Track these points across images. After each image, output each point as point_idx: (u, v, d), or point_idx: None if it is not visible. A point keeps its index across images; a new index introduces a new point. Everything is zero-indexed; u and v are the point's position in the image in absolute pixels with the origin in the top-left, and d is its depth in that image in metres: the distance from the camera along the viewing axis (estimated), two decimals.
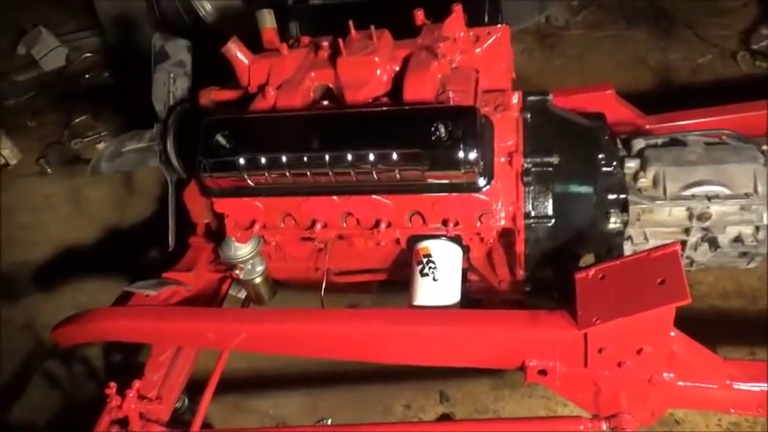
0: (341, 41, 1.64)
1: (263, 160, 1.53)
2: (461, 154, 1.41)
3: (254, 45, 1.84)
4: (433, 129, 1.41)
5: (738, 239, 1.64)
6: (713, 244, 1.65)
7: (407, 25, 1.77)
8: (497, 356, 1.47)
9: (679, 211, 1.62)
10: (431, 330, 1.47)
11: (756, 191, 1.58)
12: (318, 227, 1.65)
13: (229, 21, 3.73)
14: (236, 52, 1.76)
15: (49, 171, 3.73)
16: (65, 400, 2.51)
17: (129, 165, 1.99)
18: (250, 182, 1.58)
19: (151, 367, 1.79)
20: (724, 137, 1.71)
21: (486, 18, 1.82)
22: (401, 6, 1.87)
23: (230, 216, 1.71)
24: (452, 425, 1.98)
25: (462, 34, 1.73)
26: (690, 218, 1.62)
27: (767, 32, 3.14)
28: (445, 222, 1.58)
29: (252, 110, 1.68)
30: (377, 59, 1.62)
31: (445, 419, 2.12)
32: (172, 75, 1.92)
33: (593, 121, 1.75)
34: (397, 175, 1.48)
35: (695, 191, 1.60)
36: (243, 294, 2.05)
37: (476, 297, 1.82)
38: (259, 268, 1.86)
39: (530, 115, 1.63)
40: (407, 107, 1.54)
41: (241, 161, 1.54)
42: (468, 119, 1.44)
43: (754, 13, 3.33)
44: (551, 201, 1.57)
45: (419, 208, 1.58)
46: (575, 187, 1.61)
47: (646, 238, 1.68)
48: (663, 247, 1.30)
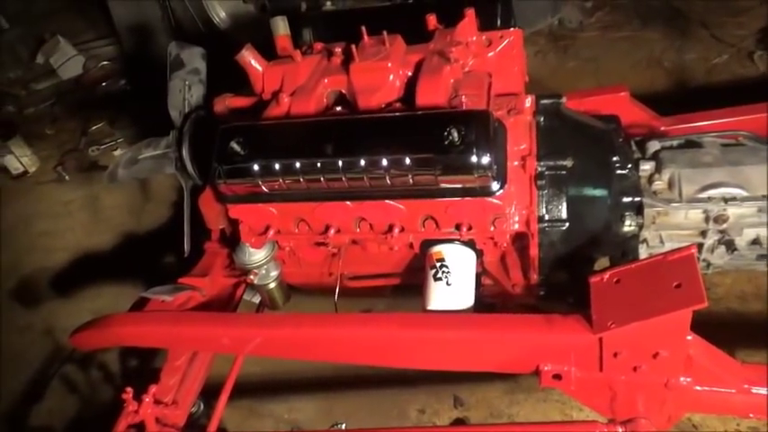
0: (353, 47, 1.65)
1: (277, 166, 1.54)
2: (474, 158, 1.41)
3: (268, 52, 1.85)
4: (446, 133, 1.41)
5: (756, 242, 1.62)
6: (730, 246, 1.63)
7: (420, 30, 1.77)
8: (512, 361, 1.46)
9: (695, 214, 1.60)
10: (445, 335, 1.46)
11: None
12: (332, 232, 1.65)
13: (243, 27, 3.77)
14: (251, 59, 1.77)
15: (67, 178, 3.78)
16: (82, 404, 2.54)
17: (145, 172, 2.01)
18: (264, 188, 1.59)
19: (167, 372, 1.81)
20: (740, 138, 1.70)
21: (499, 22, 1.82)
22: (413, 11, 1.88)
23: (245, 222, 1.73)
24: (467, 429, 1.98)
25: (475, 38, 1.73)
26: (706, 220, 1.60)
27: None
28: (458, 227, 1.57)
29: (266, 116, 1.69)
30: (389, 65, 1.63)
31: (459, 424, 2.12)
32: (187, 82, 1.94)
33: (607, 123, 1.74)
34: (411, 180, 1.48)
35: (711, 193, 1.58)
36: (257, 299, 2.06)
37: (489, 301, 1.82)
38: (273, 273, 1.87)
39: (543, 118, 1.62)
40: (420, 112, 1.54)
41: (256, 168, 1.55)
42: (481, 123, 1.44)
43: None
44: (565, 204, 1.56)
45: (432, 212, 1.58)
46: (589, 190, 1.60)
47: (661, 241, 1.66)
48: (679, 250, 1.29)
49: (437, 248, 1.63)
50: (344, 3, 3.07)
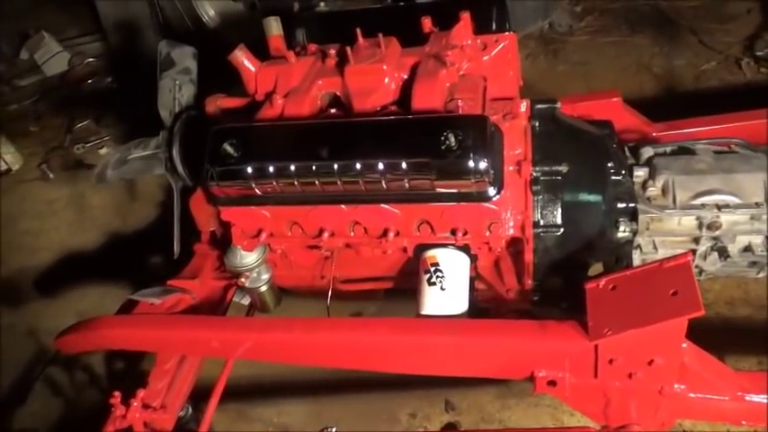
0: (348, 49, 1.63)
1: (270, 169, 1.51)
2: (471, 163, 1.40)
3: (259, 51, 1.83)
4: (443, 138, 1.40)
5: (748, 249, 1.63)
6: (723, 253, 1.64)
7: (415, 33, 1.76)
8: (506, 367, 1.46)
9: (689, 221, 1.61)
10: (438, 340, 1.46)
11: (767, 200, 1.57)
12: (326, 235, 1.63)
13: (232, 26, 3.74)
14: (243, 60, 1.75)
15: (51, 176, 3.73)
16: (67, 407, 2.50)
17: (134, 172, 1.98)
18: (257, 190, 1.57)
19: (155, 376, 1.78)
20: (733, 145, 1.71)
21: (494, 25, 1.81)
22: (409, 14, 1.87)
23: (237, 224, 1.70)
24: None
25: (470, 42, 1.72)
26: (699, 227, 1.60)
27: None
28: (454, 231, 1.56)
29: (259, 118, 1.67)
30: (385, 67, 1.61)
31: (451, 428, 2.11)
32: (177, 82, 1.91)
33: (600, 128, 1.74)
34: (406, 185, 1.47)
35: (705, 200, 1.59)
36: (247, 301, 2.04)
37: (483, 306, 1.81)
38: (264, 276, 1.85)
39: (538, 123, 1.62)
40: (417, 116, 1.53)
41: (248, 170, 1.53)
42: (478, 128, 1.43)
43: (759, 19, 3.33)
44: (560, 210, 1.55)
45: (428, 217, 1.57)
46: (583, 196, 1.60)
47: (655, 247, 1.66)
48: (675, 257, 1.29)
49: (431, 253, 1.62)
50: (336, 3, 3.07)
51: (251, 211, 1.66)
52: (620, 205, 1.61)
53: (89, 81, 4.42)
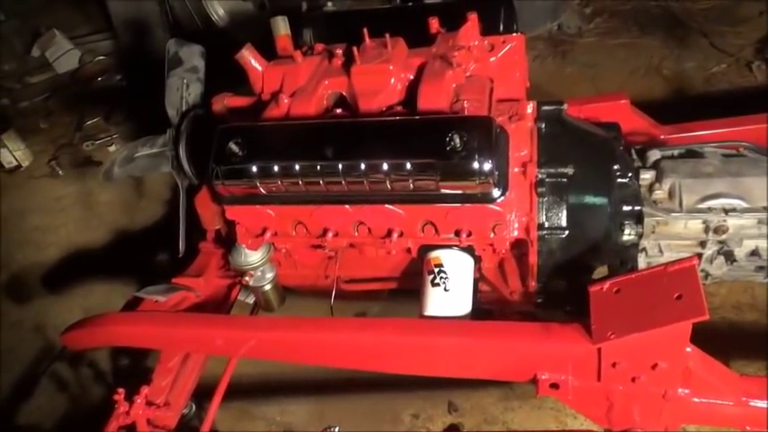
0: (355, 49, 1.63)
1: (275, 168, 1.52)
2: (476, 165, 1.40)
3: (267, 51, 1.84)
4: (448, 139, 1.39)
5: (755, 253, 1.61)
6: (729, 257, 1.63)
7: (422, 33, 1.75)
8: (509, 369, 1.45)
9: (695, 224, 1.60)
10: (442, 341, 1.46)
11: None
12: (330, 235, 1.64)
13: (241, 25, 3.75)
14: (250, 59, 1.75)
15: (61, 173, 3.75)
16: (72, 402, 2.52)
17: (141, 170, 1.99)
18: (262, 190, 1.57)
19: (159, 373, 1.79)
20: (741, 149, 1.69)
21: (502, 27, 1.80)
22: (415, 14, 1.87)
23: (241, 223, 1.71)
24: None
25: (477, 43, 1.72)
26: (706, 231, 1.59)
27: None
28: (458, 233, 1.56)
29: (265, 117, 1.68)
30: (391, 68, 1.62)
31: (453, 430, 2.11)
32: (185, 80, 1.92)
33: (607, 131, 1.73)
34: (411, 185, 1.47)
35: (712, 203, 1.57)
36: (251, 299, 2.04)
37: (487, 307, 1.80)
38: (269, 275, 1.85)
39: (544, 125, 1.62)
40: (422, 117, 1.53)
41: (254, 169, 1.53)
42: (484, 129, 1.43)
43: None
44: (565, 212, 1.55)
45: (432, 218, 1.56)
46: (589, 198, 1.59)
47: (660, 250, 1.66)
48: (680, 261, 1.28)
49: (435, 254, 1.61)
50: (344, 3, 3.07)
51: (256, 210, 1.66)
52: (626, 208, 1.60)
53: (99, 79, 4.45)
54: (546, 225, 1.55)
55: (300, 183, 1.53)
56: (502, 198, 1.49)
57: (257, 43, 1.81)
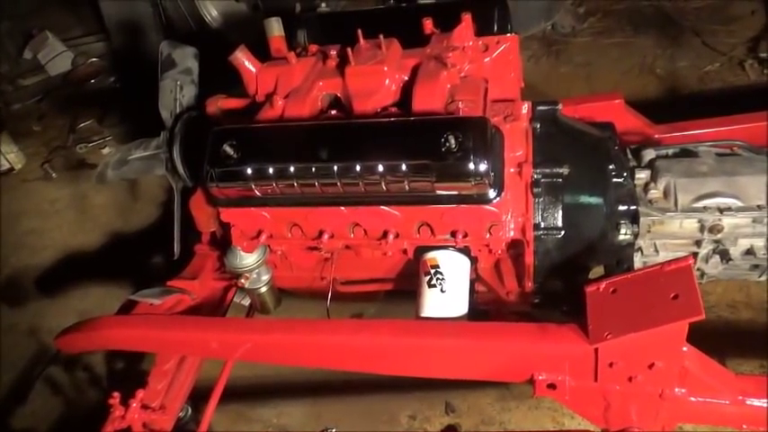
0: (349, 50, 1.63)
1: (270, 170, 1.51)
2: (472, 165, 1.39)
3: (261, 52, 1.83)
4: (444, 140, 1.39)
5: (750, 252, 1.62)
6: (724, 256, 1.63)
7: (416, 34, 1.75)
8: (506, 369, 1.45)
9: (690, 223, 1.60)
10: (439, 343, 1.45)
11: None
12: (326, 237, 1.63)
13: (235, 26, 3.74)
14: (244, 61, 1.75)
15: (54, 176, 3.73)
16: (67, 406, 2.51)
17: (135, 172, 1.98)
18: (257, 192, 1.57)
19: (155, 376, 1.78)
20: (735, 148, 1.70)
21: (496, 27, 1.80)
22: (410, 15, 1.86)
23: (237, 225, 1.70)
24: None
25: (471, 43, 1.72)
26: (701, 230, 1.60)
27: None
28: (454, 234, 1.56)
29: (259, 119, 1.67)
30: (386, 69, 1.61)
31: (451, 431, 2.10)
32: (179, 82, 1.91)
33: (602, 130, 1.73)
34: (406, 187, 1.47)
35: (707, 203, 1.58)
36: (247, 301, 2.03)
37: (483, 308, 1.80)
38: (264, 277, 1.85)
39: (539, 125, 1.62)
40: (417, 117, 1.53)
41: (248, 171, 1.53)
42: (479, 130, 1.42)
43: (763, 21, 3.32)
44: (561, 212, 1.55)
45: (428, 219, 1.56)
46: (585, 198, 1.59)
47: (656, 249, 1.66)
48: (676, 260, 1.29)
49: (431, 255, 1.61)
50: (338, 3, 3.07)
51: (251, 212, 1.65)
52: (622, 208, 1.61)
53: (92, 81, 4.43)
54: (542, 225, 1.55)
55: (295, 184, 1.52)
56: (498, 199, 1.49)
57: (251, 45, 1.81)
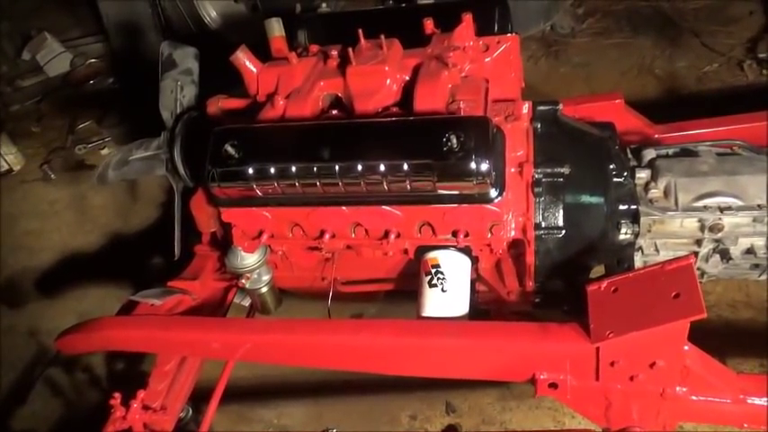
0: (350, 50, 1.63)
1: (272, 170, 1.51)
2: (473, 165, 1.40)
3: (260, 52, 1.83)
4: (445, 139, 1.39)
5: (750, 251, 1.62)
6: (725, 255, 1.63)
7: (417, 34, 1.75)
8: (507, 369, 1.45)
9: (691, 223, 1.60)
10: (439, 342, 1.45)
11: None
12: (327, 237, 1.63)
13: (234, 27, 3.74)
14: (245, 61, 1.75)
15: (53, 177, 3.73)
16: (67, 408, 2.50)
17: (135, 173, 1.98)
18: (259, 192, 1.57)
19: (156, 377, 1.78)
20: (735, 147, 1.70)
21: (496, 27, 1.81)
22: (410, 15, 1.86)
23: (238, 225, 1.70)
24: None
25: (472, 43, 1.72)
26: (702, 229, 1.60)
27: None
28: (455, 233, 1.56)
29: (260, 119, 1.67)
30: (387, 69, 1.61)
31: (451, 431, 2.10)
32: (179, 83, 1.91)
33: (602, 130, 1.73)
34: (408, 186, 1.47)
35: (707, 202, 1.58)
36: (247, 302, 2.03)
37: (484, 308, 1.80)
38: (265, 278, 1.85)
39: (540, 125, 1.62)
40: (419, 117, 1.53)
41: (250, 171, 1.53)
42: (481, 129, 1.42)
43: (761, 21, 3.32)
44: (562, 211, 1.55)
45: (429, 219, 1.56)
46: (585, 198, 1.59)
47: (656, 249, 1.66)
48: (677, 259, 1.29)
49: (432, 254, 1.61)
50: (337, 3, 3.07)
51: (252, 212, 1.65)
52: (622, 207, 1.61)
53: (91, 82, 4.42)
54: (543, 225, 1.55)
55: (297, 184, 1.52)
56: (499, 198, 1.49)
57: (250, 45, 1.81)
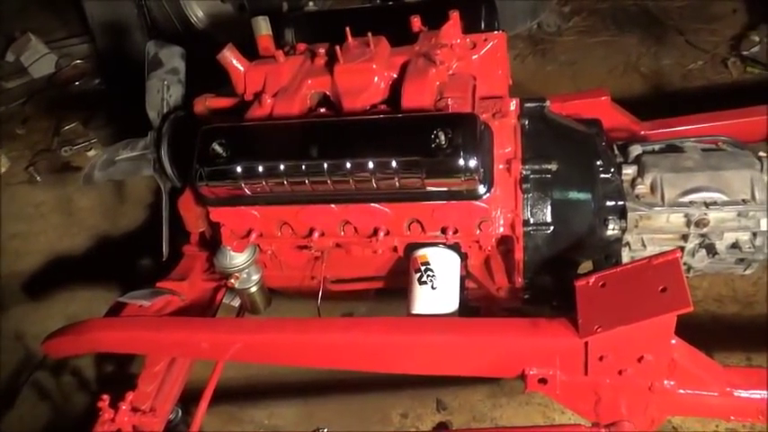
0: (338, 48, 1.63)
1: (260, 169, 1.51)
2: (461, 161, 1.40)
3: (248, 52, 1.82)
4: (433, 136, 1.39)
5: (736, 246, 1.64)
6: (711, 250, 1.65)
7: (404, 32, 1.75)
8: (497, 365, 1.46)
9: (677, 218, 1.62)
10: (429, 339, 1.45)
11: (754, 197, 1.58)
12: (316, 235, 1.63)
13: (221, 27, 3.72)
14: (232, 59, 1.74)
15: (39, 179, 3.69)
16: (55, 411, 2.48)
17: (122, 173, 1.96)
18: (247, 190, 1.56)
19: (145, 379, 1.77)
20: (720, 143, 1.72)
21: (483, 25, 1.81)
22: (398, 13, 1.87)
23: (226, 225, 1.69)
24: None
25: (459, 41, 1.72)
26: (688, 224, 1.61)
27: (757, 38, 3.18)
28: (444, 230, 1.56)
29: (248, 118, 1.67)
30: (374, 66, 1.61)
31: (442, 428, 2.11)
32: (165, 82, 1.90)
33: (589, 127, 1.75)
34: (397, 183, 1.47)
35: (693, 197, 1.59)
36: (237, 303, 2.03)
37: (474, 305, 1.81)
38: (254, 277, 1.84)
39: (527, 122, 1.63)
40: (406, 115, 1.53)
41: (238, 170, 1.52)
42: (469, 126, 1.43)
43: (744, 19, 3.37)
44: (550, 208, 1.56)
45: (418, 216, 1.56)
46: (573, 194, 1.60)
47: (643, 244, 1.67)
48: (663, 254, 1.30)
49: (422, 252, 1.61)
50: (325, 3, 3.07)
51: (240, 211, 1.65)
52: (609, 203, 1.62)
53: (76, 83, 4.38)
54: (531, 221, 1.56)
55: (285, 183, 1.52)
56: (487, 195, 1.50)
57: (237, 45, 1.80)
